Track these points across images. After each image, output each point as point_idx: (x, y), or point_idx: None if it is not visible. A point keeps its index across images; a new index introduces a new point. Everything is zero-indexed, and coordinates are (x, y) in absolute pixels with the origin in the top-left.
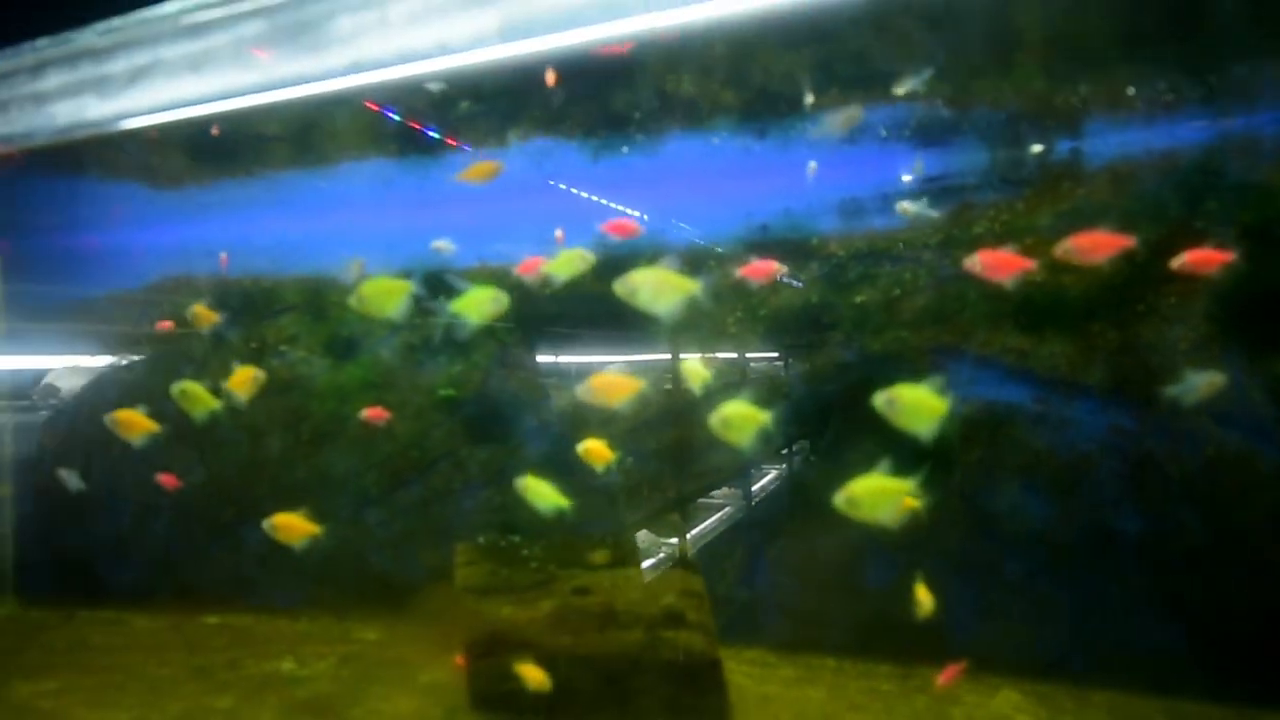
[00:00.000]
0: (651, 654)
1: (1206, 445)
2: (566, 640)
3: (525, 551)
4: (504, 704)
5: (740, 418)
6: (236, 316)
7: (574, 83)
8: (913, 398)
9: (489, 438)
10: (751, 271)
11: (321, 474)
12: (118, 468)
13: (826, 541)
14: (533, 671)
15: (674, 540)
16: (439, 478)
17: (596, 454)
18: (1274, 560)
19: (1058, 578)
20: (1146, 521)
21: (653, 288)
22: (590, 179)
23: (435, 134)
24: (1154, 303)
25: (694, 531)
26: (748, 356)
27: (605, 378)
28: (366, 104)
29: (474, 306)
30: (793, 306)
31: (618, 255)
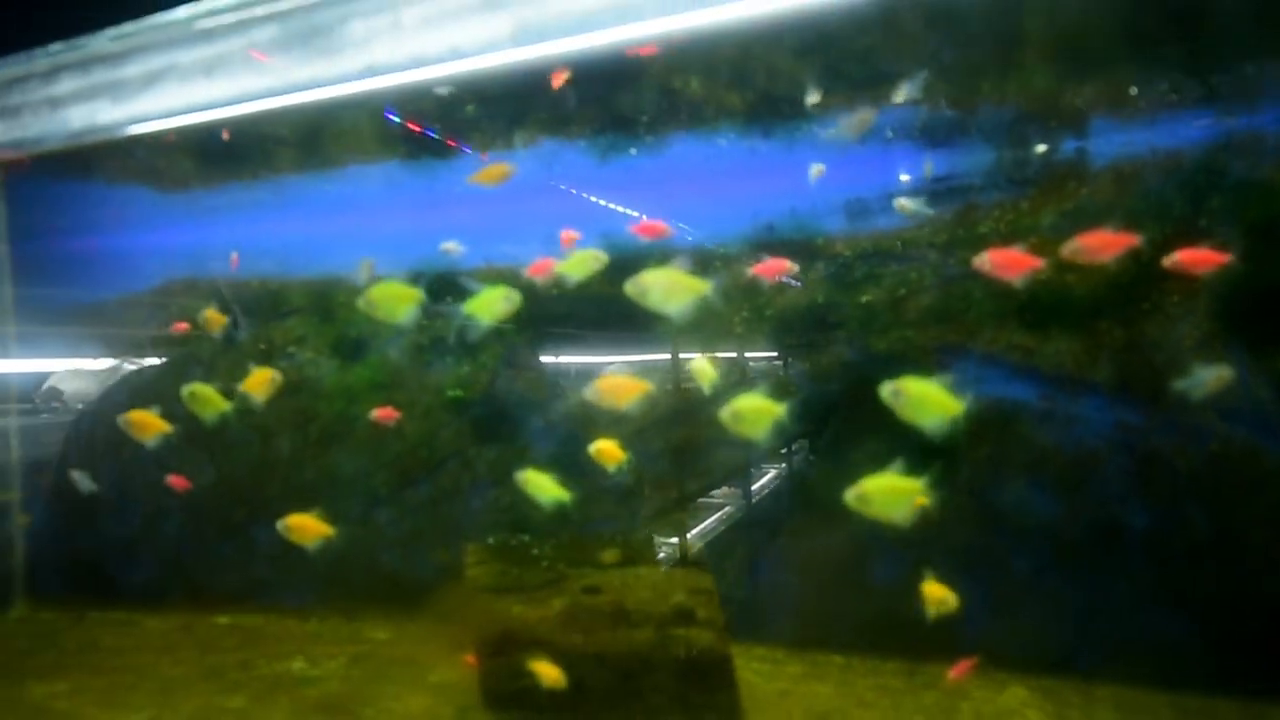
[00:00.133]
0: (662, 651)
1: (1212, 441)
2: (578, 639)
3: (535, 551)
4: (516, 702)
5: (755, 411)
6: (246, 318)
7: (581, 85)
8: (921, 391)
9: (496, 438)
10: (764, 270)
11: (331, 474)
12: (128, 469)
13: (830, 539)
14: (548, 669)
15: (674, 540)
16: (448, 477)
17: (608, 454)
18: None
19: (1065, 573)
20: (1153, 517)
21: (664, 288)
22: (596, 181)
23: (434, 135)
24: (1159, 300)
25: (694, 531)
26: (746, 356)
27: (612, 379)
28: (384, 113)
29: (486, 306)
30: (798, 306)
31: (624, 256)
